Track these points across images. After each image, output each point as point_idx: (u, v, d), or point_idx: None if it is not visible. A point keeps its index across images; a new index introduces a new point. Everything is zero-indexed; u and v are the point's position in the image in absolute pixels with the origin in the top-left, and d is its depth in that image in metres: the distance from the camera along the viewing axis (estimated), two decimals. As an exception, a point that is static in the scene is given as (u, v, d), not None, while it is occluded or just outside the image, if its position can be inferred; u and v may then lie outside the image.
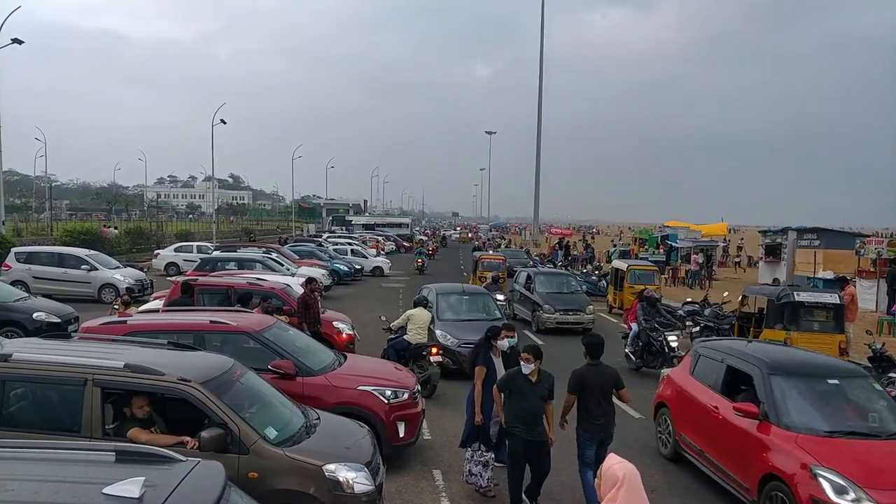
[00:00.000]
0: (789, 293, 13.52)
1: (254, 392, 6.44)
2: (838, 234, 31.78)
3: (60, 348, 6.27)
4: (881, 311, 21.27)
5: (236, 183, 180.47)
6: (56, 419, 5.76)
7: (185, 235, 46.85)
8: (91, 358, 5.83)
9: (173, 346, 6.76)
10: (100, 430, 5.54)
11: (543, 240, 66.78)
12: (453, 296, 15.16)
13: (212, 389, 5.65)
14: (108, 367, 5.65)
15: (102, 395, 5.60)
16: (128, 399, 5.84)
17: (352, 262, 33.62)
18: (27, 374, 5.74)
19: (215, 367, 6.14)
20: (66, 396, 5.73)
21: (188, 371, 5.76)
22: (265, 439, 5.67)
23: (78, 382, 5.59)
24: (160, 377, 5.61)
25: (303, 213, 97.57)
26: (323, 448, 6.00)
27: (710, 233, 41.31)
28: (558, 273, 23.17)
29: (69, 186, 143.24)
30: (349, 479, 5.72)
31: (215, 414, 5.55)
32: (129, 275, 22.60)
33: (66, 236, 32.80)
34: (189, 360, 6.27)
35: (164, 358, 6.12)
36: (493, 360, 7.58)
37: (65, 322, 14.35)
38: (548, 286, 19.83)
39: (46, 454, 3.76)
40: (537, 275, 20.62)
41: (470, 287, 17.06)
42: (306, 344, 9.22)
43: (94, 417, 5.54)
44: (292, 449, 5.75)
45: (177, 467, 3.63)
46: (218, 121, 47.30)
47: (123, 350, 6.31)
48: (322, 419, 6.65)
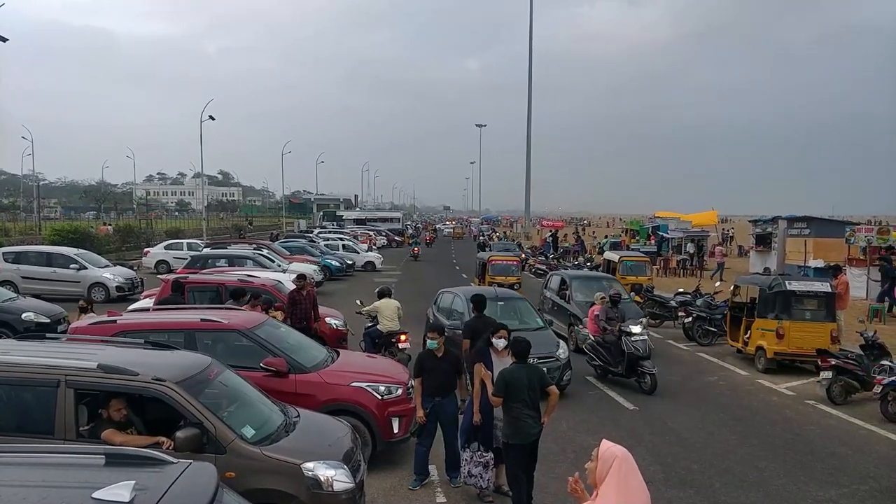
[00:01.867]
0: (781, 282, 13.57)
1: (232, 391, 6.37)
2: (828, 223, 31.97)
3: (34, 349, 6.19)
4: (872, 299, 21.36)
5: (226, 179, 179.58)
6: (29, 421, 5.66)
7: (174, 233, 46.59)
8: (64, 359, 5.75)
9: (150, 346, 6.69)
10: (73, 432, 5.46)
11: (535, 232, 66.76)
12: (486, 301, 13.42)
13: (187, 389, 5.57)
14: (81, 368, 5.57)
15: (76, 396, 5.52)
16: (103, 400, 5.76)
17: (343, 257, 33.52)
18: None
19: (191, 366, 6.06)
20: (39, 398, 5.63)
21: (163, 370, 5.68)
22: (242, 438, 5.60)
23: (51, 384, 5.51)
24: (134, 377, 5.52)
25: (293, 208, 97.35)
26: (302, 446, 5.91)
27: (700, 222, 41.38)
28: (600, 277, 18.65)
29: (57, 185, 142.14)
30: (329, 476, 5.65)
31: (191, 413, 5.46)
32: (119, 273, 22.47)
33: (55, 235, 32.57)
34: (165, 359, 6.19)
35: (139, 357, 6.05)
36: (492, 360, 7.50)
37: (54, 322, 14.22)
38: (588, 294, 15.86)
39: (34, 458, 3.69)
40: (574, 279, 17.11)
41: (504, 291, 14.40)
42: (298, 341, 9.15)
43: (68, 419, 5.45)
44: (270, 447, 5.68)
45: (168, 470, 3.56)
46: (206, 117, 46.91)
47: (98, 350, 6.23)
48: (302, 417, 6.57)
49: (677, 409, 10.93)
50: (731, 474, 8.25)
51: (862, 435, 9.80)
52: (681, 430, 9.98)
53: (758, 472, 8.31)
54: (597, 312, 13.18)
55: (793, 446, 9.23)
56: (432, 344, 7.76)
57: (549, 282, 18.57)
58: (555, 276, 18.73)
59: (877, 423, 10.20)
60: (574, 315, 15.76)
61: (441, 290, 14.66)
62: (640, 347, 11.85)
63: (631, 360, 11.88)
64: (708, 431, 9.92)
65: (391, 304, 12.73)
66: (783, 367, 13.34)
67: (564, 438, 9.34)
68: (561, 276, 17.97)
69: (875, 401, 10.60)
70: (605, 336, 12.61)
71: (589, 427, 9.94)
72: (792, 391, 12.14)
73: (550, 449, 8.60)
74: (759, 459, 8.71)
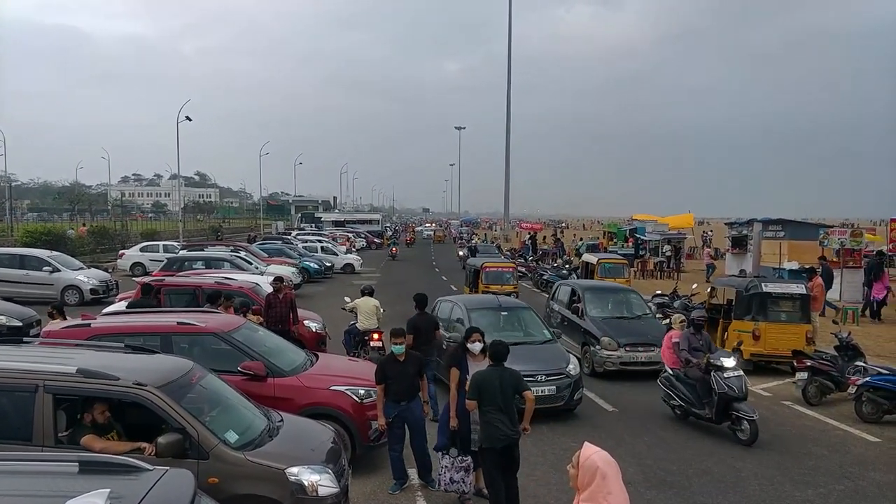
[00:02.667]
0: (757, 284, 13.71)
1: (214, 395, 6.28)
2: (802, 226, 32.35)
3: (11, 353, 6.07)
4: (845, 301, 21.68)
5: (203, 180, 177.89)
6: (6, 428, 5.53)
7: (150, 235, 46.02)
8: (42, 363, 5.64)
9: (130, 350, 6.59)
10: (52, 439, 5.35)
11: (514, 234, 66.97)
12: (487, 312, 11.92)
13: (169, 393, 5.48)
14: (59, 373, 5.46)
15: (54, 401, 5.41)
16: (82, 405, 5.66)
17: (322, 259, 33.33)
18: None
19: (173, 370, 5.97)
20: (16, 404, 5.51)
21: (144, 375, 5.59)
22: (225, 443, 5.52)
23: (28, 389, 5.39)
24: (114, 382, 5.42)
25: (271, 210, 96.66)
26: (286, 451, 5.86)
27: (677, 225, 41.74)
28: (615, 288, 16.22)
29: (30, 186, 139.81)
30: (313, 481, 5.60)
31: (172, 419, 5.39)
32: (93, 276, 22.14)
33: (28, 237, 32.00)
34: (146, 363, 6.11)
35: (119, 362, 5.96)
36: (467, 363, 7.40)
37: (26, 325, 13.97)
38: (603, 307, 14.38)
39: (4, 466, 3.61)
40: (587, 291, 14.87)
41: (508, 300, 13.12)
42: (277, 344, 9.06)
43: (46, 425, 5.34)
44: (254, 452, 5.61)
45: (144, 477, 3.51)
46: (183, 118, 46.46)
47: (77, 354, 6.12)
48: (286, 421, 6.51)
49: (655, 410, 10.98)
50: (710, 475, 8.30)
51: (837, 435, 9.93)
52: (659, 431, 10.04)
53: (735, 473, 8.38)
54: (675, 339, 10.62)
55: (769, 447, 9.32)
56: (398, 349, 7.67)
57: (557, 293, 16.28)
58: (563, 286, 16.38)
59: (851, 424, 10.34)
60: (589, 333, 13.64)
61: (438, 299, 13.39)
62: (734, 386, 9.50)
63: (723, 402, 9.54)
64: (686, 433, 9.99)
65: (370, 303, 12.90)
66: (759, 369, 13.47)
67: (544, 440, 9.35)
68: (571, 287, 15.64)
69: (850, 401, 10.74)
70: (687, 370, 10.27)
71: (568, 429, 9.96)
72: (768, 392, 12.27)
73: (530, 451, 8.60)
74: (736, 460, 8.78)
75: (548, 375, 10.27)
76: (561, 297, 15.92)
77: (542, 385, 10.04)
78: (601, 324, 13.62)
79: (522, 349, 10.27)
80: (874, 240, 29.59)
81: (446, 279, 32.54)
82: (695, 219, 52.37)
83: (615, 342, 13.01)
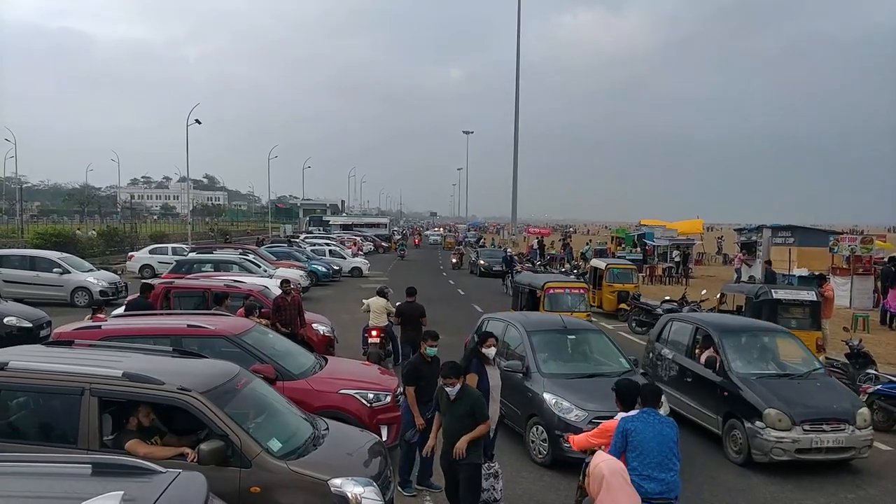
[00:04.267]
0: (767, 291, 13.64)
1: (260, 401, 6.21)
2: (812, 232, 32.21)
3: (60, 356, 6.05)
4: (855, 307, 21.55)
5: (212, 183, 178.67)
6: (53, 430, 5.58)
7: (159, 237, 46.21)
8: (89, 366, 5.62)
9: (178, 353, 6.55)
10: (97, 442, 5.33)
11: (521, 239, 66.89)
12: (552, 336, 9.98)
13: (213, 399, 5.42)
14: (105, 376, 5.45)
15: (100, 404, 5.40)
16: (128, 409, 5.64)
17: (330, 262, 33.37)
18: (23, 383, 5.56)
19: (219, 375, 5.92)
20: (63, 406, 5.53)
21: (189, 380, 5.55)
22: (268, 452, 5.41)
23: (75, 392, 5.39)
24: (159, 386, 5.39)
25: (279, 213, 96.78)
26: (330, 461, 5.69)
27: (685, 230, 41.65)
28: (764, 329, 10.94)
29: (40, 188, 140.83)
30: (357, 494, 5.39)
31: (216, 425, 5.32)
32: (103, 278, 22.21)
33: (38, 239, 32.18)
34: (192, 367, 6.06)
35: (165, 365, 5.93)
36: (485, 369, 7.27)
37: (37, 327, 14.05)
38: (750, 359, 9.83)
39: (20, 468, 3.63)
40: (725, 334, 9.95)
41: (574, 321, 10.72)
42: (286, 347, 9.08)
43: (92, 428, 5.33)
44: (297, 462, 5.46)
45: (156, 479, 3.51)
46: (192, 121, 46.66)
47: (124, 358, 6.08)
48: (331, 429, 6.37)
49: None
50: (719, 483, 8.26)
51: (848, 443, 9.84)
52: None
53: (745, 480, 8.34)
54: None
55: (780, 454, 9.25)
56: (432, 351, 7.61)
57: (667, 332, 11.24)
58: (677, 323, 11.25)
59: (862, 432, 10.26)
60: (739, 400, 8.99)
61: (486, 316, 11.46)
62: None
63: None
64: (695, 440, 9.93)
65: (379, 302, 13.65)
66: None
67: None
68: (695, 326, 10.55)
69: (860, 409, 10.66)
70: None
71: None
72: (778, 399, 12.18)
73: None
74: (746, 468, 8.72)
75: None
76: (674, 337, 10.99)
77: None
78: (758, 386, 8.98)
79: (600, 383, 8.46)
80: (884, 246, 29.41)
81: (453, 283, 32.55)
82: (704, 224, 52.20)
83: (787, 417, 8.47)
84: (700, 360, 9.93)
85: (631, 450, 5.26)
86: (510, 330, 10.21)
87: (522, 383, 9.05)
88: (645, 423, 5.35)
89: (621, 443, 5.30)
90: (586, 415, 8.14)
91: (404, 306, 12.80)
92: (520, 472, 8.32)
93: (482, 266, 37.38)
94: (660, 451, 5.27)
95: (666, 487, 5.23)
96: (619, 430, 5.37)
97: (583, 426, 7.77)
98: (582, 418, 8.14)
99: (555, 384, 8.75)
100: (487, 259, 38.36)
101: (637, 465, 5.20)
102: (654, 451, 5.24)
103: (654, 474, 5.20)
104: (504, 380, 8.31)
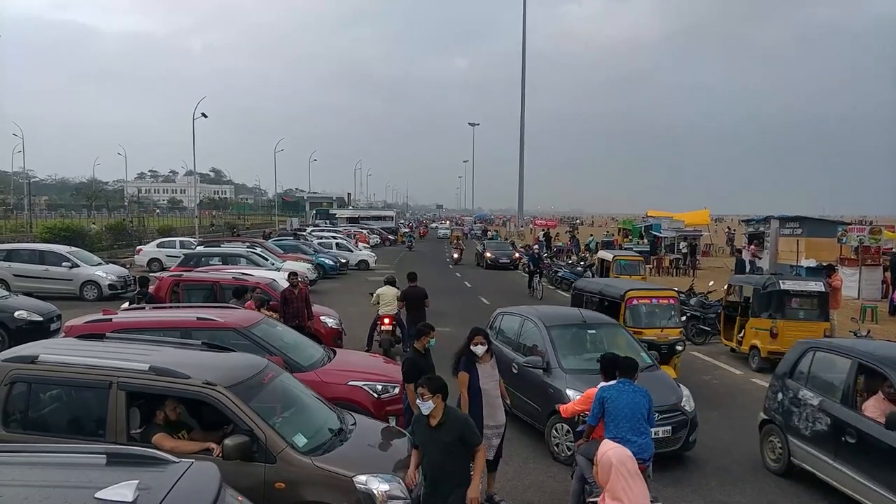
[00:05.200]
0: (774, 282, 13.63)
1: (287, 395, 6.21)
2: (820, 223, 32.10)
3: (89, 349, 6.07)
4: (864, 298, 21.49)
5: (218, 177, 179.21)
6: (81, 423, 5.64)
7: (167, 231, 46.40)
8: (117, 360, 5.67)
9: (207, 347, 6.57)
10: (124, 435, 5.38)
11: (528, 231, 66.83)
12: (572, 330, 9.66)
13: (238, 393, 5.42)
14: (132, 370, 5.49)
15: (128, 398, 5.44)
16: (156, 403, 5.67)
17: (337, 255, 33.44)
18: (52, 376, 5.63)
19: (245, 369, 5.93)
20: (91, 400, 5.60)
21: (215, 374, 5.56)
22: (293, 447, 5.38)
23: (103, 385, 5.45)
24: (185, 380, 5.42)
25: (286, 206, 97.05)
26: (355, 457, 5.64)
27: (693, 222, 41.52)
28: None
29: (48, 182, 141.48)
30: (382, 491, 5.30)
31: (241, 420, 5.32)
32: (112, 271, 22.35)
33: (47, 233, 32.38)
34: (219, 361, 6.07)
35: (193, 359, 5.94)
36: (476, 367, 7.08)
37: (47, 320, 14.16)
38: None
39: (36, 458, 3.67)
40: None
41: (593, 315, 10.53)
42: (295, 339, 9.14)
43: (119, 422, 5.38)
44: (322, 458, 5.42)
45: (170, 469, 3.55)
46: (199, 114, 46.76)
47: (153, 351, 6.12)
48: (358, 425, 6.34)
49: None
50: (727, 472, 8.29)
51: (855, 434, 9.83)
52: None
53: (753, 471, 8.35)
54: None
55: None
56: (432, 343, 7.54)
57: (809, 365, 8.14)
58: (824, 354, 8.10)
59: (870, 422, 10.24)
60: None
61: (499, 311, 11.15)
62: None
63: None
64: (703, 430, 9.92)
65: (390, 292, 14.07)
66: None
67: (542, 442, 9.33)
68: (855, 360, 7.37)
69: (868, 400, 10.62)
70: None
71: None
72: (786, 390, 12.18)
73: (545, 452, 8.61)
74: (754, 458, 8.73)
75: (661, 413, 7.86)
76: (820, 373, 8.00)
77: (655, 426, 7.27)
78: None
79: None
80: (893, 237, 29.29)
81: (460, 276, 32.58)
82: (711, 215, 52.05)
83: None
84: (866, 412, 6.97)
85: (607, 415, 5.95)
86: (527, 325, 9.85)
87: (543, 379, 8.75)
88: (619, 391, 6.02)
89: (598, 409, 6.04)
90: None
91: (408, 290, 13.63)
92: (526, 463, 8.37)
93: (489, 259, 37.39)
94: (632, 416, 5.88)
95: (639, 449, 5.69)
96: (597, 398, 6.11)
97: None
98: None
99: (577, 380, 8.35)
100: (494, 251, 38.35)
101: (613, 429, 5.83)
102: (626, 416, 5.86)
103: (628, 437, 5.74)
104: (523, 376, 8.22)
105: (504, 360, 9.01)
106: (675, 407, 8.32)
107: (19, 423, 5.58)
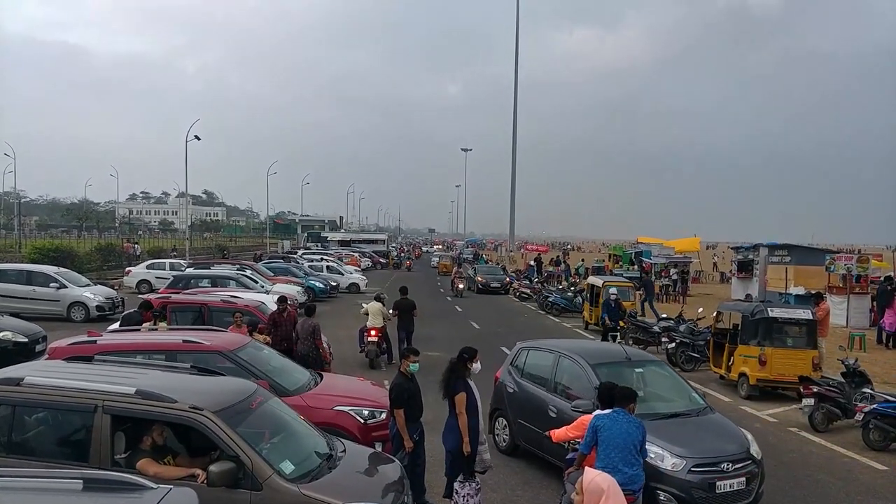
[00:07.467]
0: (763, 309, 13.66)
1: (275, 420, 6.12)
2: (808, 251, 32.32)
3: (76, 372, 5.99)
4: (852, 326, 21.57)
5: (210, 199, 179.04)
6: (65, 447, 5.53)
7: (157, 252, 46.17)
8: (103, 383, 5.58)
9: (196, 371, 6.49)
10: (108, 460, 5.26)
11: (519, 256, 66.93)
12: (618, 367, 8.56)
13: (225, 419, 5.33)
14: (118, 393, 5.39)
15: (112, 422, 5.34)
16: (142, 427, 5.57)
17: (327, 278, 33.38)
18: (37, 399, 5.52)
19: (233, 394, 5.84)
20: (76, 423, 5.50)
21: (202, 398, 5.47)
22: (280, 474, 5.27)
23: (87, 408, 5.35)
24: (171, 404, 5.32)
25: (278, 229, 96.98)
26: (344, 484, 5.55)
27: (683, 249, 41.73)
28: None
29: (38, 203, 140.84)
30: None
31: (227, 445, 5.23)
32: (100, 293, 22.20)
33: (35, 253, 32.17)
34: (207, 385, 6.00)
35: (181, 383, 5.86)
36: (470, 385, 7.14)
37: (32, 342, 13.99)
38: None
39: (11, 483, 3.61)
40: None
41: (637, 353, 9.91)
42: (281, 363, 9.08)
43: (104, 446, 5.27)
44: (309, 485, 5.30)
45: (147, 496, 3.50)
46: (192, 137, 46.77)
47: (140, 374, 6.03)
48: (348, 452, 6.25)
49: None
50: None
51: (844, 462, 9.83)
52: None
53: None
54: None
55: (775, 473, 9.21)
56: (415, 367, 7.48)
57: None
58: None
59: (858, 451, 10.24)
60: None
61: (522, 346, 10.14)
62: None
63: None
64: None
65: (376, 306, 15.65)
66: (766, 394, 13.38)
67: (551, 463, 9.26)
68: None
69: (857, 428, 10.66)
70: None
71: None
72: (774, 418, 12.17)
73: (535, 475, 8.54)
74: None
75: (733, 463, 7.20)
76: None
77: (729, 478, 7.07)
78: None
79: (684, 423, 7.80)
80: (881, 266, 29.50)
81: (451, 300, 32.53)
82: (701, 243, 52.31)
83: None
84: None
85: (599, 444, 5.88)
86: (563, 362, 8.91)
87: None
88: (614, 421, 5.93)
89: (592, 437, 5.95)
90: (684, 463, 7.02)
91: (399, 301, 16.09)
92: (514, 491, 8.26)
93: (480, 283, 37.79)
94: (624, 447, 5.82)
95: (629, 479, 5.67)
96: (591, 426, 6.01)
97: (682, 476, 6.94)
98: (680, 467, 7.00)
99: (658, 429, 7.35)
100: (485, 276, 38.90)
101: (604, 458, 5.77)
102: (619, 446, 5.80)
103: (619, 467, 5.70)
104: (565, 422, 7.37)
105: (534, 402, 8.72)
106: (748, 455, 7.45)
107: (2, 447, 5.47)
